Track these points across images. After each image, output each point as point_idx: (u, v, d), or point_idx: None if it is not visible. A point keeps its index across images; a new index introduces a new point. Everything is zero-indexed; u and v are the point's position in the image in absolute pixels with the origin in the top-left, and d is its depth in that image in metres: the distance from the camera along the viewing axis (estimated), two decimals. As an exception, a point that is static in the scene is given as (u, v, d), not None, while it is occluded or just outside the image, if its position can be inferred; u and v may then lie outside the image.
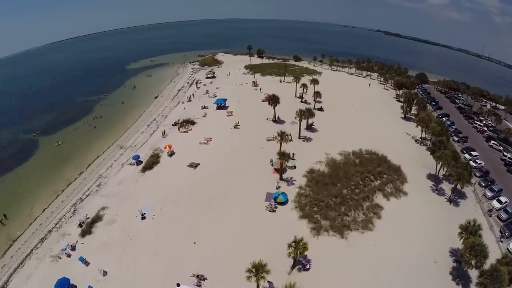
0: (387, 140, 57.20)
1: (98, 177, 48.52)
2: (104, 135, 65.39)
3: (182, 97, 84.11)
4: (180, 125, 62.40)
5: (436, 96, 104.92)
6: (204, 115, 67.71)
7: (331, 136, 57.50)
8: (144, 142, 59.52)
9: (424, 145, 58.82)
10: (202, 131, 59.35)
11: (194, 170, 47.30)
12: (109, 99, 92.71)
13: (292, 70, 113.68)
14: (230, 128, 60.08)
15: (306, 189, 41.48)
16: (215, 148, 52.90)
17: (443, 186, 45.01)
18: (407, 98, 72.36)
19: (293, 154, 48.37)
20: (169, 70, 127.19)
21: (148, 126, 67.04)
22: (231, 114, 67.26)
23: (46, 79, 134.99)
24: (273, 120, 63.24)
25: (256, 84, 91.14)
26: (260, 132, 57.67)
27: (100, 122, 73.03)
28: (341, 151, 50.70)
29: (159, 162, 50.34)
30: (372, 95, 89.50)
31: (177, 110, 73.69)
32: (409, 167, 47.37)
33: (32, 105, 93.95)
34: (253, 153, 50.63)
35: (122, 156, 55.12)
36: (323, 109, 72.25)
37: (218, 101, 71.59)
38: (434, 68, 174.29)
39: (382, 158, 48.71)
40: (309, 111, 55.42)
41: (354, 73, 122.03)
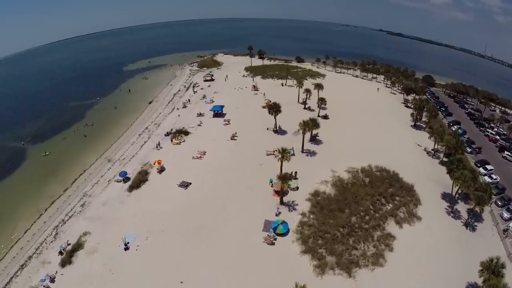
0: (397, 153, 52.01)
1: (82, 195, 44.17)
2: (93, 145, 60.69)
3: (178, 102, 78.60)
4: (173, 135, 57.04)
5: (445, 100, 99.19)
6: (200, 123, 62.22)
7: (338, 149, 51.94)
8: (134, 154, 54.31)
9: (436, 157, 53.58)
10: (196, 143, 53.98)
11: (185, 190, 42.01)
12: (103, 103, 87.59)
13: (294, 72, 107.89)
14: (226, 139, 54.55)
15: (310, 216, 36.09)
16: (209, 163, 47.49)
17: (458, 206, 40.08)
18: (418, 106, 66.56)
19: (295, 173, 42.99)
20: (166, 72, 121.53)
21: (140, 135, 61.77)
22: (228, 123, 61.75)
23: (43, 81, 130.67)
24: (273, 130, 57.65)
25: (256, 88, 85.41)
26: (259, 145, 52.17)
27: (91, 130, 68.28)
28: (349, 168, 45.26)
29: (147, 180, 45.14)
30: (379, 101, 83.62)
31: (171, 118, 68.26)
32: (423, 186, 42.26)
33: (26, 109, 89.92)
34: (251, 170, 45.18)
35: (109, 170, 50.25)
36: (328, 117, 66.49)
37: (215, 108, 65.96)
38: (438, 68, 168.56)
39: (393, 176, 43.53)
40: (314, 121, 49.77)
41: (359, 75, 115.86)
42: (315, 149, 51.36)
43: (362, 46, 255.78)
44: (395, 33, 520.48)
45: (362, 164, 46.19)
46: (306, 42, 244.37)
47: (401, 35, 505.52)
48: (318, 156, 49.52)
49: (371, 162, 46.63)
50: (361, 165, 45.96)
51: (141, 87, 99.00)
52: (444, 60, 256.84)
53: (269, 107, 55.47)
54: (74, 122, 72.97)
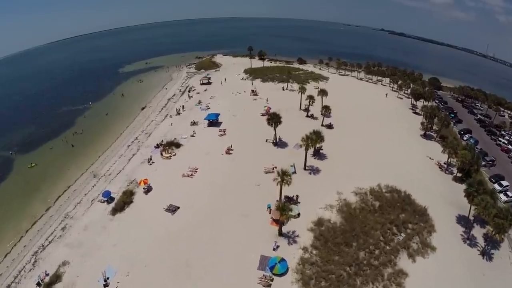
0: (408, 168, 46.89)
1: (64, 216, 40.18)
2: (80, 156, 56.14)
3: (171, 108, 73.15)
4: (163, 148, 51.83)
5: (453, 105, 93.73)
6: (193, 134, 56.84)
7: (344, 164, 46.55)
8: (121, 169, 49.30)
9: (449, 172, 48.56)
10: (188, 158, 48.74)
11: (172, 216, 36.84)
12: (95, 109, 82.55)
13: (296, 75, 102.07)
14: (221, 153, 49.17)
15: (312, 252, 30.88)
16: (201, 183, 42.19)
17: (474, 231, 35.57)
18: (429, 114, 61.00)
19: (296, 197, 37.76)
20: (162, 74, 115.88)
21: (128, 147, 56.59)
22: (224, 133, 56.38)
23: (39, 83, 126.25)
24: (273, 143, 52.21)
25: (255, 93, 79.84)
26: (256, 160, 46.89)
27: (79, 139, 63.61)
28: (356, 189, 39.96)
29: (132, 201, 40.25)
30: (386, 106, 78.13)
31: (163, 126, 62.92)
32: (437, 208, 37.37)
33: (19, 114, 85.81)
34: (246, 192, 39.87)
35: (93, 188, 45.62)
36: (332, 126, 60.83)
37: (210, 117, 60.43)
38: (443, 69, 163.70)
39: (405, 199, 38.45)
40: (318, 135, 44.38)
41: (363, 78, 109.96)
42: (318, 165, 45.94)
43: (364, 46, 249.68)
44: (397, 32, 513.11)
45: (370, 183, 41.04)
46: (307, 42, 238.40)
47: (403, 34, 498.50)
48: (322, 174, 44.11)
49: (381, 181, 41.51)
50: (369, 184, 40.78)
51: (135, 91, 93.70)
52: (448, 60, 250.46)
53: (268, 118, 49.88)
54: (63, 130, 68.79)
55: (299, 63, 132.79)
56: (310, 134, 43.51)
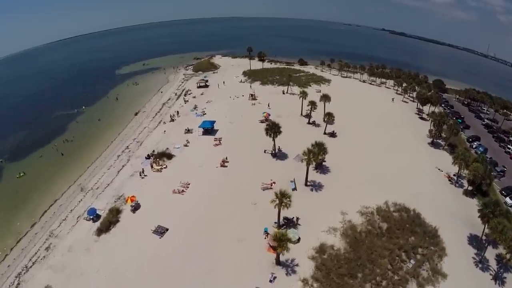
0: (416, 181, 43.32)
1: (49, 234, 37.35)
2: (69, 166, 52.82)
3: (165, 114, 69.17)
4: (154, 159, 48.03)
5: (459, 109, 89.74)
6: (186, 143, 52.94)
7: (348, 178, 42.72)
8: (109, 183, 45.63)
9: (459, 185, 45.07)
10: (180, 170, 44.98)
11: (160, 239, 33.17)
12: (88, 113, 78.74)
13: (297, 77, 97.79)
14: (215, 166, 45.28)
15: (313, 285, 27.17)
16: (192, 201, 38.33)
17: (487, 253, 31.97)
18: (437, 121, 56.97)
19: (297, 219, 33.94)
20: (159, 76, 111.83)
21: (118, 157, 52.80)
22: (219, 143, 52.48)
23: (35, 85, 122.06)
24: (272, 154, 48.36)
25: (254, 97, 75.79)
26: (253, 174, 43.08)
27: (69, 147, 60.12)
28: (362, 208, 36.27)
29: (118, 220, 36.70)
30: (392, 111, 74.26)
31: (156, 134, 59.00)
32: (448, 228, 34.03)
33: (12, 119, 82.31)
34: (242, 212, 36.10)
35: (80, 203, 42.19)
36: (335, 135, 56.87)
37: (205, 125, 56.43)
38: (446, 70, 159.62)
39: (415, 218, 34.96)
40: (320, 147, 40.52)
41: (366, 80, 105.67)
42: (321, 180, 42.00)
43: (366, 46, 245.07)
44: (398, 32, 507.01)
45: (377, 200, 37.41)
46: (308, 42, 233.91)
47: (404, 34, 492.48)
48: (325, 191, 40.20)
49: (388, 197, 37.93)
50: (376, 202, 37.14)
51: (130, 94, 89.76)
52: (449, 60, 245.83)
53: (266, 128, 45.84)
54: (55, 136, 65.48)
55: (300, 64, 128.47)
56: (312, 147, 39.60)
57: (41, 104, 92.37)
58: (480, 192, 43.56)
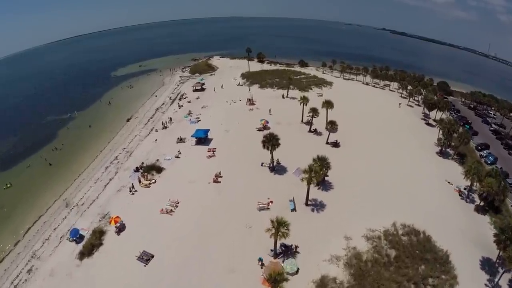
0: (425, 197, 39.42)
1: (31, 255, 34.00)
2: (56, 178, 49.04)
3: (158, 120, 64.67)
4: (142, 173, 43.91)
5: (466, 113, 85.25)
6: (178, 154, 48.66)
7: (353, 195, 38.49)
8: (95, 198, 41.61)
9: (470, 201, 41.08)
10: (169, 187, 40.81)
11: (144, 267, 29.19)
12: (80, 119, 74.58)
13: (297, 80, 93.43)
14: (207, 181, 40.98)
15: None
16: (181, 223, 34.15)
17: (501, 281, 28.31)
18: (447, 130, 52.67)
19: (295, 247, 29.78)
20: (155, 78, 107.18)
21: (106, 169, 48.70)
22: (213, 154, 48.20)
23: (29, 88, 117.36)
24: (269, 167, 44.10)
25: (252, 102, 71.39)
26: (249, 191, 38.88)
27: (58, 156, 56.30)
28: (368, 231, 32.28)
29: (102, 244, 32.94)
30: (397, 116, 69.89)
31: (147, 143, 54.76)
32: (459, 251, 30.56)
33: (4, 125, 77.89)
34: (235, 236, 31.89)
35: (64, 221, 38.49)
36: (338, 144, 52.52)
37: (198, 134, 52.03)
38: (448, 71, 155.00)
39: (425, 242, 31.18)
40: (323, 161, 36.39)
41: (370, 82, 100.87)
42: (323, 198, 37.73)
43: (367, 46, 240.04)
44: (398, 32, 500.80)
45: (384, 221, 33.57)
46: (308, 42, 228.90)
47: (404, 34, 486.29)
48: (327, 211, 35.92)
49: (396, 217, 34.18)
50: (383, 224, 33.28)
51: (124, 98, 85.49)
52: (452, 61, 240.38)
53: (263, 140, 41.44)
54: (44, 144, 61.65)
55: (300, 66, 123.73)
56: (314, 162, 35.38)
57: (35, 107, 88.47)
58: (492, 207, 39.73)
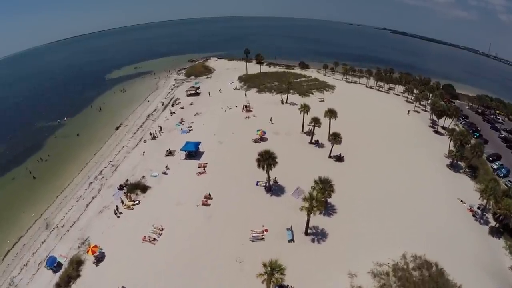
0: (437, 219, 35.55)
1: (9, 283, 30.70)
2: (39, 193, 45.07)
3: (148, 129, 59.86)
4: (126, 193, 39.38)
5: (473, 118, 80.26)
6: (165, 170, 43.96)
7: (357, 221, 33.92)
8: (75, 220, 37.38)
9: (484, 222, 37.08)
10: (154, 209, 36.32)
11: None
12: (69, 126, 69.87)
13: (297, 83, 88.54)
14: (195, 204, 36.43)
15: None
16: (164, 254, 29.65)
17: None
18: (459, 142, 47.94)
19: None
20: (149, 81, 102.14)
21: (90, 185, 44.18)
22: (204, 171, 43.45)
23: (21, 91, 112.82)
24: (265, 187, 39.38)
25: (248, 109, 66.56)
26: (242, 216, 34.29)
27: (43, 168, 52.08)
28: (375, 266, 28.30)
29: (79, 275, 29.02)
30: (403, 123, 65.16)
31: (134, 156, 50.09)
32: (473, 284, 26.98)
33: None
34: (223, 274, 27.33)
35: (43, 245, 34.68)
36: (342, 158, 47.67)
37: (188, 147, 47.14)
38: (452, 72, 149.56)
39: (438, 276, 27.41)
40: (326, 184, 31.78)
41: (373, 85, 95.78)
42: (325, 226, 33.03)
43: (368, 46, 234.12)
44: (399, 31, 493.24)
45: (393, 253, 29.65)
46: (309, 43, 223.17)
47: (405, 33, 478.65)
48: (329, 242, 31.24)
49: (406, 247, 30.34)
50: (391, 256, 29.34)
51: (115, 103, 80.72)
52: (454, 61, 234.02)
53: (258, 158, 36.46)
54: (31, 153, 57.55)
55: (301, 67, 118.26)
56: (316, 186, 30.72)
57: (26, 112, 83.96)
58: (506, 229, 36.10)
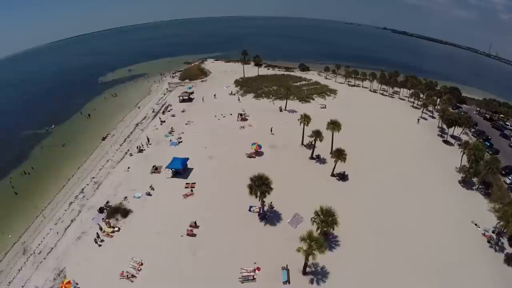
0: (451, 247, 31.88)
1: None
2: (19, 212, 40.90)
3: (136, 140, 55.15)
4: (105, 218, 34.96)
5: (482, 125, 75.34)
6: (149, 191, 39.15)
7: (363, 257, 29.36)
8: (52, 247, 33.15)
9: (500, 249, 32.92)
10: (134, 239, 31.89)
11: None
12: (56, 134, 65.18)
13: (297, 88, 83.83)
14: (180, 234, 31.91)
15: None
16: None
17: None
18: (474, 157, 43.24)
19: None
20: (142, 85, 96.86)
21: (70, 205, 39.61)
22: (191, 192, 38.69)
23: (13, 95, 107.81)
24: (259, 214, 34.63)
25: (243, 118, 61.65)
26: (231, 250, 29.81)
27: (25, 183, 47.56)
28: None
29: None
30: (411, 132, 60.50)
31: (118, 172, 45.35)
32: None
33: None
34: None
35: (19, 274, 30.53)
36: (347, 177, 42.56)
37: (174, 165, 41.89)
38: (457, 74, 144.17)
39: None
40: (328, 217, 27.29)
41: (377, 89, 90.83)
42: (326, 263, 28.22)
43: (369, 46, 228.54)
44: (399, 31, 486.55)
45: None
46: (309, 43, 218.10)
47: (405, 33, 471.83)
48: (330, 283, 26.49)
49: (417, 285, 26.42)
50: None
51: (105, 110, 75.85)
52: (456, 61, 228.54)
53: (250, 184, 31.48)
54: (15, 166, 52.91)
55: (301, 70, 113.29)
56: (316, 218, 26.14)
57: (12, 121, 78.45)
58: None
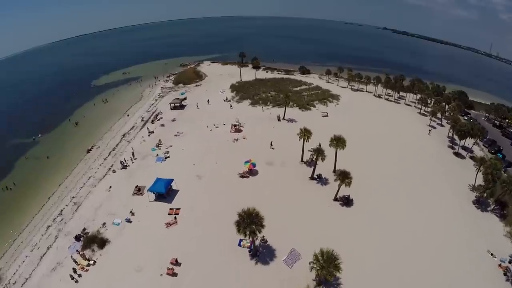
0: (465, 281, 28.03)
1: None
2: None
3: (121, 153, 50.42)
4: (80, 249, 30.71)
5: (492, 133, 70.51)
6: (129, 217, 34.74)
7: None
8: (27, 277, 29.24)
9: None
10: (110, 275, 27.67)
11: None
12: (42, 144, 60.96)
13: (297, 93, 79.06)
14: (160, 272, 27.46)
15: None
16: None
17: None
18: (491, 177, 38.69)
19: None
20: (134, 90, 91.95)
21: (47, 229, 35.42)
22: (175, 221, 33.97)
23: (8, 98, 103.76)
24: (250, 251, 29.82)
25: (238, 129, 56.69)
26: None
27: (6, 200, 43.59)
28: None
29: None
30: (422, 147, 55.29)
31: (99, 192, 40.76)
32: None
33: None
34: None
35: None
36: (351, 201, 37.50)
37: (157, 188, 37.06)
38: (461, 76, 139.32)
39: None
40: (330, 263, 23.00)
41: (382, 94, 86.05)
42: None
43: (370, 47, 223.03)
44: (400, 31, 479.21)
45: None
46: (310, 43, 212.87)
47: (406, 33, 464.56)
48: None
49: None
50: None
51: (94, 117, 71.12)
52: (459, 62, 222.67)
53: (237, 221, 26.86)
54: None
55: (301, 73, 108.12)
56: (316, 263, 21.89)
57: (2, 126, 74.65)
58: None
